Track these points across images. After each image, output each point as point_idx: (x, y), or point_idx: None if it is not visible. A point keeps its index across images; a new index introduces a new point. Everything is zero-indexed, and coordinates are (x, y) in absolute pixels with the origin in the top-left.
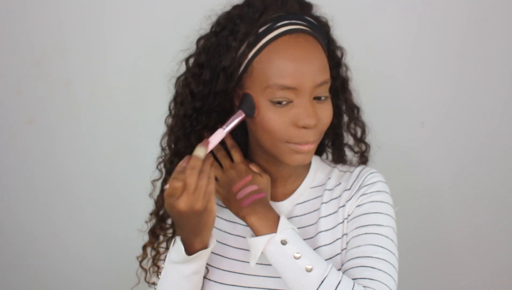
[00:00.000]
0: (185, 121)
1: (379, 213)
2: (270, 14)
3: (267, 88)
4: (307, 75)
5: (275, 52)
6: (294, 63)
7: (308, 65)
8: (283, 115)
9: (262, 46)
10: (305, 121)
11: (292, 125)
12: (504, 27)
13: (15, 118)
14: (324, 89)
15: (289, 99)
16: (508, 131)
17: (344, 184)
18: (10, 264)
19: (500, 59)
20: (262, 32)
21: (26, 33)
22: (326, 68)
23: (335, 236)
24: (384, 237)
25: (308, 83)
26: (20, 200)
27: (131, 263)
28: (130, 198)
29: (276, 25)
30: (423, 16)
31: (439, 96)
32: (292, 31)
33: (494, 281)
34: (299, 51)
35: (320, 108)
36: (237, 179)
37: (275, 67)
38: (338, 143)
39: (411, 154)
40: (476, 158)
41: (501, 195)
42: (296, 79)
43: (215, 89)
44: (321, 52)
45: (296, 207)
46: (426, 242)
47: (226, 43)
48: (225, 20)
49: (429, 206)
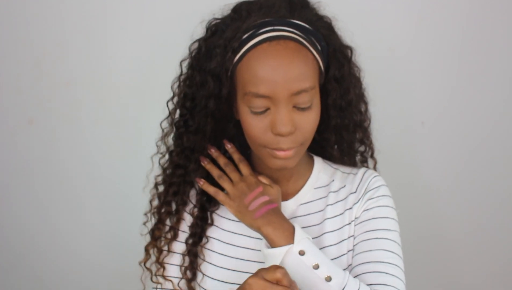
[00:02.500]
0: (181, 119)
1: (386, 217)
2: (254, 20)
3: (245, 95)
4: (281, 84)
5: (253, 60)
6: (268, 72)
7: (283, 73)
8: (261, 121)
9: (244, 53)
10: (278, 129)
11: (269, 131)
12: (504, 27)
13: (15, 118)
14: (304, 98)
15: (266, 106)
16: (508, 131)
17: (349, 187)
18: (10, 264)
19: (500, 59)
20: (245, 38)
21: (26, 33)
22: (308, 75)
23: (341, 237)
24: (393, 241)
25: (282, 92)
26: (20, 200)
27: (132, 263)
28: (130, 198)
29: (258, 32)
30: (423, 16)
31: (439, 96)
32: (272, 38)
33: (494, 280)
34: (274, 60)
35: (301, 116)
36: (248, 191)
37: (251, 75)
38: (341, 143)
39: (411, 154)
40: (476, 158)
41: (501, 194)
42: (270, 88)
43: (207, 92)
44: (303, 59)
45: (300, 207)
46: (426, 241)
47: (214, 48)
48: (214, 25)
49: (429, 206)
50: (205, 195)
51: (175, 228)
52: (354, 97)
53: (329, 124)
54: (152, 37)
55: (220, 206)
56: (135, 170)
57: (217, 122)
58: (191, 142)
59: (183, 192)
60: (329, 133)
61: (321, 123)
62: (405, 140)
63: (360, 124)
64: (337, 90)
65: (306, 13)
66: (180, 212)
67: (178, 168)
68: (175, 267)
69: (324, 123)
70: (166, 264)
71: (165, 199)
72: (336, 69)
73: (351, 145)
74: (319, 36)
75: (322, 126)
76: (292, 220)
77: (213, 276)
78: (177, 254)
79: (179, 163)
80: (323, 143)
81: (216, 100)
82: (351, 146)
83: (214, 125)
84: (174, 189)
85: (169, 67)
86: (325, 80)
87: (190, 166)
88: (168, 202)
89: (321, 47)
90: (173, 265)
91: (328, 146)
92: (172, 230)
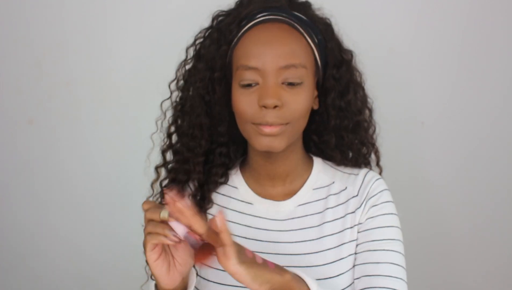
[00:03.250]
0: (179, 103)
1: (392, 226)
2: (252, 9)
3: (237, 71)
4: (270, 57)
5: (247, 38)
6: (258, 45)
7: (273, 48)
8: (249, 96)
9: (240, 36)
10: (263, 101)
11: (256, 104)
12: (504, 27)
13: (14, 118)
14: (294, 74)
15: (255, 80)
16: (509, 130)
17: (351, 189)
18: (10, 264)
19: (500, 59)
20: (242, 25)
21: (26, 32)
22: (299, 54)
23: (341, 240)
24: (399, 253)
25: (270, 64)
26: (20, 200)
27: (132, 263)
28: (131, 197)
29: (255, 17)
30: (423, 16)
31: (439, 96)
32: (267, 20)
33: (494, 280)
34: (266, 36)
35: (289, 92)
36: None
37: (243, 50)
38: (341, 145)
39: (411, 154)
40: (476, 158)
41: (501, 194)
42: (259, 60)
43: (211, 77)
44: (295, 39)
45: (298, 208)
46: (426, 241)
47: (217, 37)
48: (218, 15)
49: (429, 205)
50: (198, 195)
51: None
52: (354, 98)
53: (329, 124)
54: (152, 37)
55: (214, 205)
56: (135, 169)
57: (211, 112)
58: (189, 136)
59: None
60: (329, 135)
61: (321, 124)
62: (405, 140)
63: (361, 126)
64: (336, 88)
65: (306, 9)
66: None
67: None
68: None
69: (323, 124)
70: None
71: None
72: (334, 68)
73: (351, 147)
74: (316, 29)
75: (321, 127)
76: (290, 221)
77: (207, 277)
78: None
79: (177, 148)
80: (324, 145)
81: (207, 84)
82: (351, 148)
83: (208, 117)
84: (172, 175)
85: (169, 67)
86: (324, 78)
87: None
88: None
89: (318, 40)
90: None
91: (328, 148)
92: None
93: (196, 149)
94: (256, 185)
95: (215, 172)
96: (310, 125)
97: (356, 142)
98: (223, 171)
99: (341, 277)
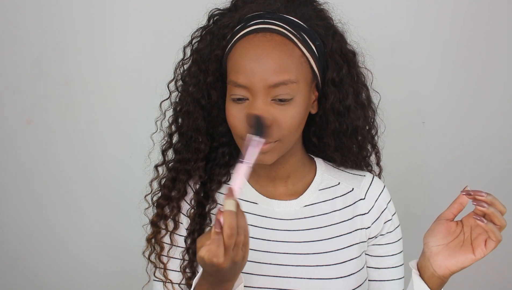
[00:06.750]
0: (188, 99)
1: (399, 240)
2: (247, 11)
3: (228, 84)
4: (258, 75)
5: (238, 50)
6: (247, 62)
7: (261, 65)
8: (239, 111)
9: (233, 44)
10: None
11: (245, 121)
12: (504, 27)
13: (13, 118)
14: (283, 90)
15: (245, 96)
16: (509, 130)
17: (358, 191)
18: (10, 264)
19: (501, 59)
20: (236, 30)
21: (25, 32)
22: (289, 69)
23: (350, 242)
24: (402, 267)
25: (259, 82)
26: (20, 200)
27: (131, 263)
28: (130, 197)
29: (248, 23)
30: (423, 16)
31: (440, 96)
32: (259, 30)
33: (494, 279)
34: (255, 50)
35: (279, 109)
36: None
37: (233, 65)
38: (341, 148)
39: (411, 154)
40: (476, 158)
41: (501, 194)
42: (247, 78)
43: (205, 81)
44: (287, 52)
45: (304, 209)
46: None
47: (210, 40)
48: (213, 14)
49: (429, 205)
50: (202, 193)
51: (174, 219)
52: (353, 102)
53: (328, 128)
54: (152, 37)
55: (217, 205)
56: (134, 169)
57: (208, 115)
58: (188, 130)
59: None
60: (329, 138)
61: (320, 128)
62: (405, 140)
63: (360, 130)
64: (335, 94)
65: (304, 10)
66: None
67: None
68: (175, 265)
69: (322, 127)
70: (167, 262)
71: (164, 183)
72: (334, 72)
73: (351, 151)
74: (313, 35)
75: (321, 130)
76: (296, 221)
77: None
78: (177, 253)
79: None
80: (324, 147)
81: (202, 88)
82: (351, 151)
83: (206, 121)
84: (172, 174)
85: (168, 67)
86: (324, 83)
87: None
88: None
89: (315, 46)
90: (175, 258)
91: (328, 151)
92: (171, 221)
93: (197, 153)
94: (258, 185)
95: (218, 172)
96: (310, 127)
97: (355, 145)
98: (226, 171)
99: (351, 277)
